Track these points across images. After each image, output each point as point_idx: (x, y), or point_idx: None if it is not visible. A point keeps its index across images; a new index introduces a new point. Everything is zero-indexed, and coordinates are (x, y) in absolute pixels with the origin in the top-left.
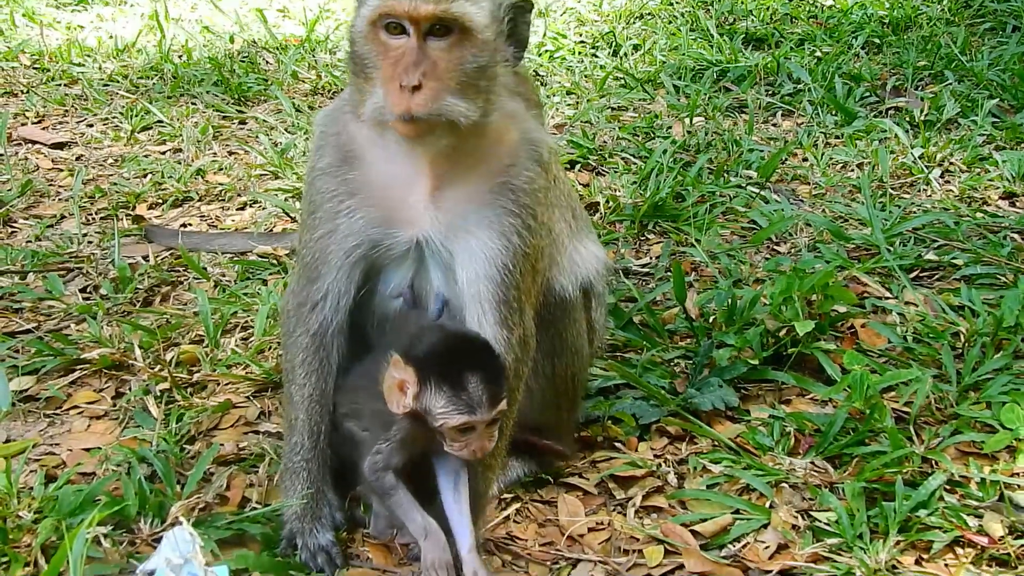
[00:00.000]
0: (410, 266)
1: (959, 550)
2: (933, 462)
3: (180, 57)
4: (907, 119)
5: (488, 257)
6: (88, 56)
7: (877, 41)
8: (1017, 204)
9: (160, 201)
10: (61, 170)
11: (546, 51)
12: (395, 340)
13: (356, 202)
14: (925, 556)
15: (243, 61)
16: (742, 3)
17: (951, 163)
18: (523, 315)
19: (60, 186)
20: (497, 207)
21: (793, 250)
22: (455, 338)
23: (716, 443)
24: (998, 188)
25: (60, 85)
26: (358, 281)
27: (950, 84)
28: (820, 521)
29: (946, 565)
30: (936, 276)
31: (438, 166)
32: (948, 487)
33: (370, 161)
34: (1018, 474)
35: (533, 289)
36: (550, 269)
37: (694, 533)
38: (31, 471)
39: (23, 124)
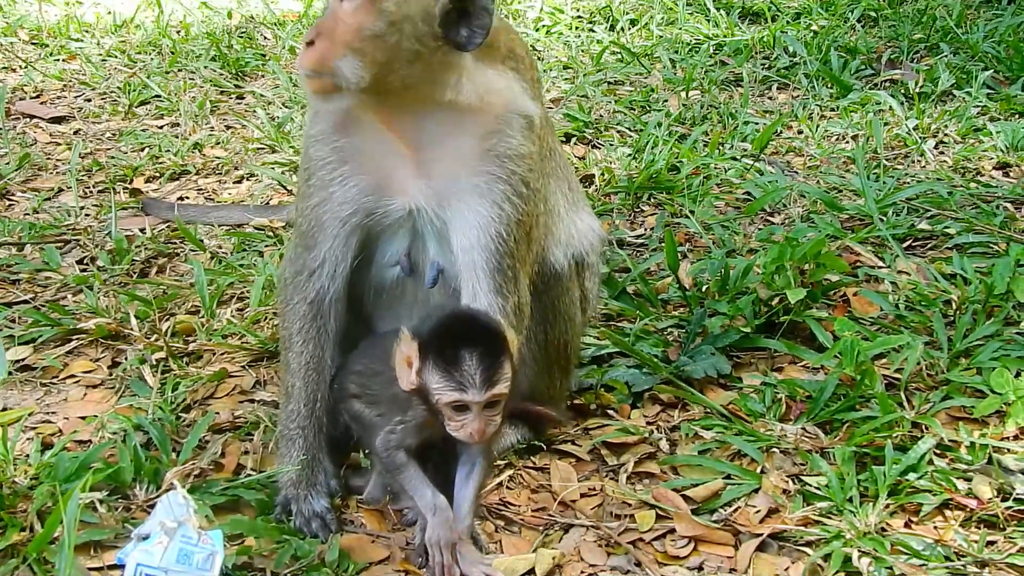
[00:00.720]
0: (405, 235)
1: (948, 512)
2: (923, 427)
3: (178, 32)
4: (902, 91)
5: (481, 225)
6: (86, 31)
7: (873, 14)
8: (1011, 174)
9: (157, 174)
10: (59, 144)
11: (543, 26)
12: (392, 311)
13: (349, 169)
14: (915, 519)
15: (241, 36)
16: None
17: (945, 134)
18: (518, 283)
19: (58, 160)
20: (486, 175)
21: (787, 221)
22: (461, 318)
23: (708, 410)
24: (992, 159)
25: (58, 60)
26: (355, 249)
27: (945, 56)
28: (810, 485)
29: (935, 527)
30: (929, 245)
31: (411, 135)
32: (938, 451)
33: (361, 128)
34: (1007, 438)
35: (528, 257)
36: (545, 239)
37: (686, 498)
38: (27, 439)
39: (21, 99)
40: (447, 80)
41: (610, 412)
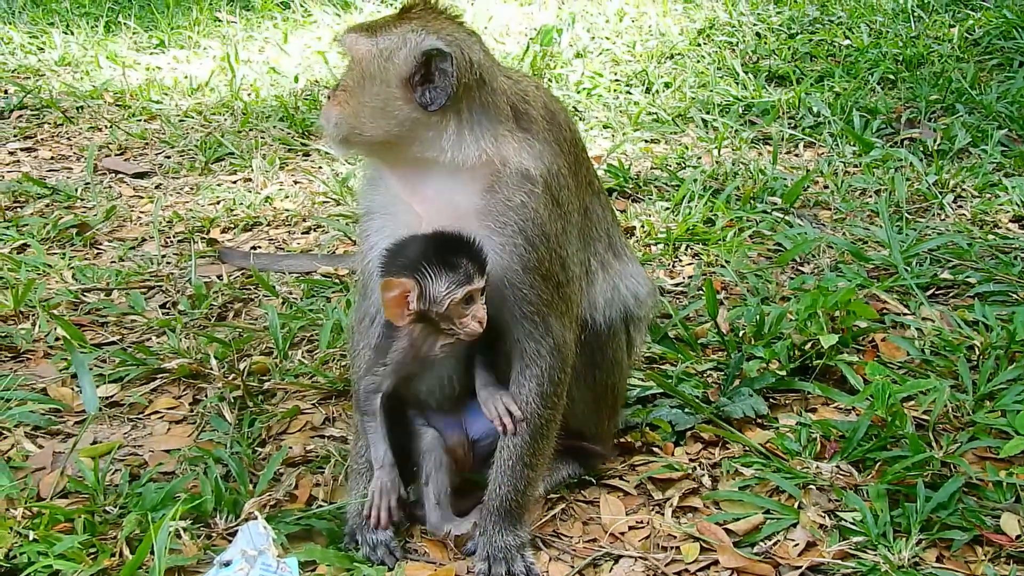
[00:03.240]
0: None
1: (978, 548)
2: (952, 466)
3: (249, 95)
4: (921, 149)
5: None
6: (165, 94)
7: (892, 77)
8: None
9: (232, 225)
10: (142, 197)
11: (584, 89)
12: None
13: (382, 222)
14: (946, 554)
15: (306, 98)
16: (765, 43)
17: (963, 189)
18: (548, 326)
19: (141, 212)
20: (485, 229)
21: (816, 270)
22: (430, 236)
23: (747, 448)
24: (1008, 212)
25: (140, 120)
26: None
27: (961, 116)
28: (846, 521)
29: (966, 562)
30: (951, 293)
31: (419, 191)
32: (966, 489)
33: (382, 184)
34: None
35: (557, 299)
36: (583, 287)
37: (728, 531)
38: (116, 470)
39: (107, 156)
40: (427, 138)
41: (655, 449)
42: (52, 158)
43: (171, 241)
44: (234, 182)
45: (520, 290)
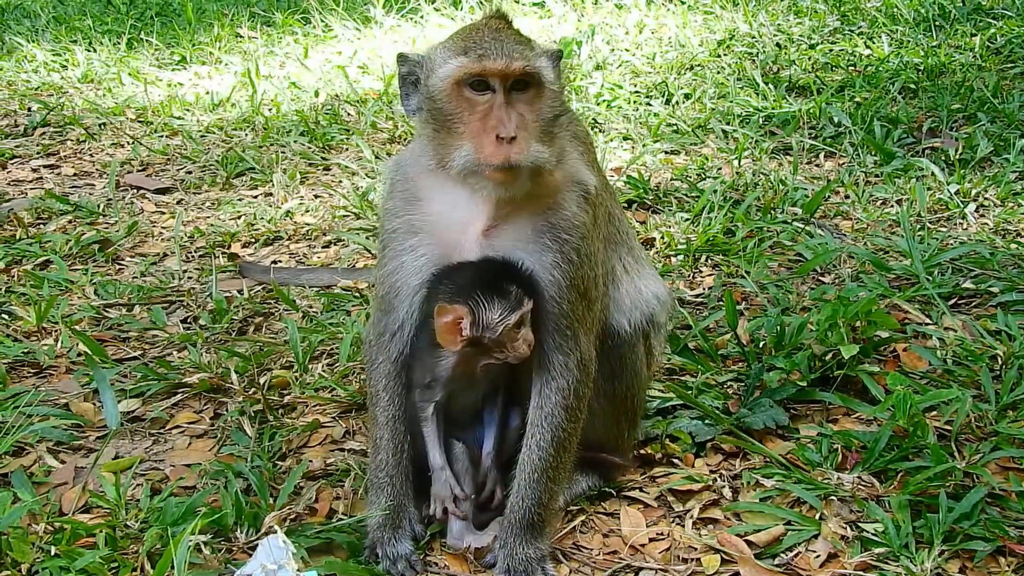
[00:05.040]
0: None
1: (1001, 559)
2: (974, 476)
3: (270, 110)
4: (943, 158)
5: (535, 291)
6: (187, 110)
7: (913, 87)
8: None
9: (253, 240)
10: (163, 213)
11: (604, 100)
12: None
13: (418, 240)
14: (969, 565)
15: (327, 113)
16: (785, 54)
17: (985, 198)
18: (577, 341)
19: (163, 227)
20: (539, 244)
21: (837, 280)
22: (480, 264)
23: (768, 459)
24: None
25: (162, 136)
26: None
27: (983, 125)
28: (868, 532)
29: (989, 573)
30: (973, 303)
31: (498, 208)
32: (989, 500)
33: (431, 204)
34: None
35: (587, 317)
36: (605, 300)
37: (748, 543)
38: (137, 485)
39: (129, 171)
40: None
41: (675, 461)
42: (75, 175)
43: (192, 256)
44: (255, 197)
45: (560, 305)
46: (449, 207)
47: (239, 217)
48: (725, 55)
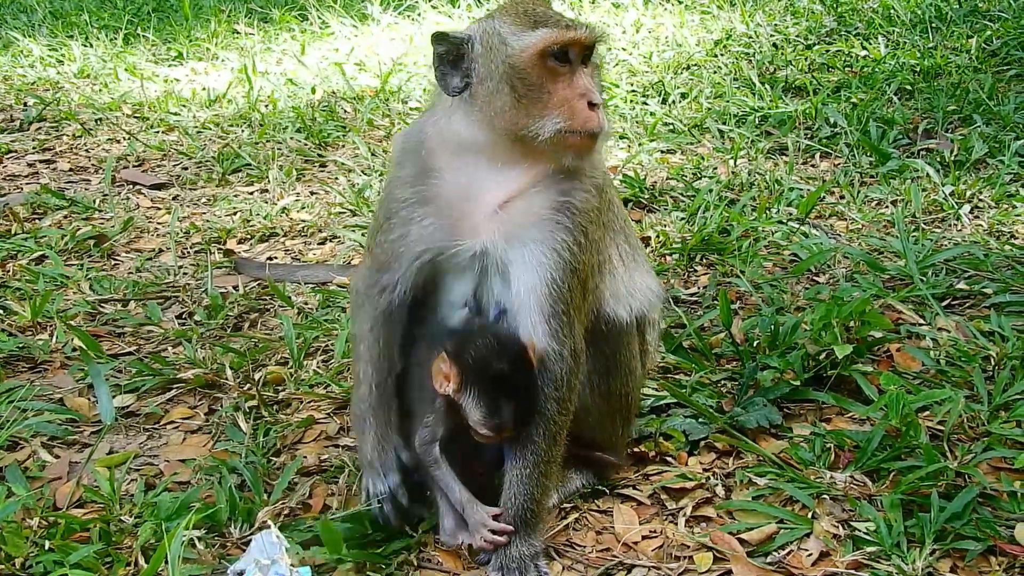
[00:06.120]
0: (473, 276)
1: (992, 559)
2: (966, 476)
3: (266, 106)
4: (938, 160)
5: (539, 270)
6: (183, 106)
7: (909, 88)
8: None
9: (248, 236)
10: (159, 208)
11: None
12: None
13: (428, 211)
14: (960, 564)
15: (323, 110)
16: (782, 54)
17: (980, 200)
18: (573, 329)
19: (158, 223)
20: (554, 223)
21: (831, 280)
22: (500, 357)
23: (761, 458)
24: None
25: (158, 132)
26: (424, 277)
27: (978, 127)
28: (859, 531)
29: (980, 573)
30: (967, 304)
31: (518, 181)
32: (981, 500)
33: (445, 175)
34: None
35: (583, 306)
36: (601, 292)
37: (741, 541)
38: (132, 480)
39: (125, 167)
40: None
41: (668, 459)
42: (70, 170)
43: (188, 252)
44: (251, 193)
45: (560, 289)
46: (463, 178)
47: (235, 213)
48: (722, 55)
